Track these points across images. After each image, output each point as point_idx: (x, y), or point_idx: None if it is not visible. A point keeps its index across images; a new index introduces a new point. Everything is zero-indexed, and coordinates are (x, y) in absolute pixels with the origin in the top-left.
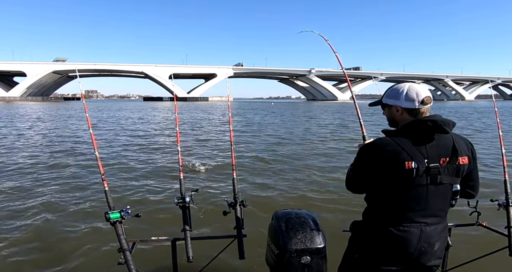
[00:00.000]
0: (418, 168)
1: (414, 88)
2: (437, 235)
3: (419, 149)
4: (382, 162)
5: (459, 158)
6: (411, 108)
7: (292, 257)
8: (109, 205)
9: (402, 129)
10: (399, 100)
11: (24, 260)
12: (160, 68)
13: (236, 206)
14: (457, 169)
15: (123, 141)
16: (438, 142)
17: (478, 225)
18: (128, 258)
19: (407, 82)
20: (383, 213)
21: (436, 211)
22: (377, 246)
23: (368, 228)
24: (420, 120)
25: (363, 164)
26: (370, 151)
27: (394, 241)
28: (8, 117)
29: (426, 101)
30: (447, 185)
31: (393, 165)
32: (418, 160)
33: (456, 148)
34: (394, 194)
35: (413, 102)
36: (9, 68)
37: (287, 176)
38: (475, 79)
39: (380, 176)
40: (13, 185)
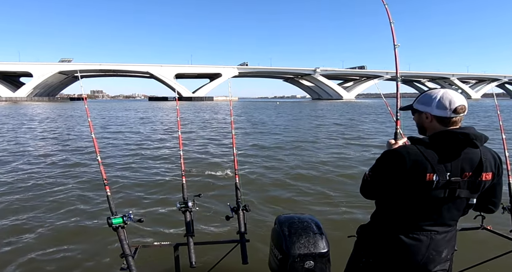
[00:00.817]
0: (439, 181)
1: (449, 95)
2: (445, 243)
3: (443, 162)
4: (403, 171)
5: (483, 174)
6: (442, 117)
7: (296, 262)
8: (112, 210)
9: (431, 138)
10: (430, 106)
11: (25, 265)
12: (165, 68)
13: (239, 211)
14: (478, 184)
15: (125, 145)
16: (465, 155)
17: (483, 229)
18: (130, 263)
19: (413, 80)
20: (394, 220)
21: (447, 221)
22: (385, 252)
23: (376, 233)
24: (451, 131)
25: (383, 171)
26: (393, 159)
27: (403, 248)
28: (15, 117)
29: (459, 110)
30: (464, 199)
31: (414, 176)
32: (440, 173)
33: (482, 164)
34: (409, 203)
35: (445, 110)
36: (15, 68)
37: (290, 181)
38: (481, 78)
39: (398, 185)
40: (15, 189)
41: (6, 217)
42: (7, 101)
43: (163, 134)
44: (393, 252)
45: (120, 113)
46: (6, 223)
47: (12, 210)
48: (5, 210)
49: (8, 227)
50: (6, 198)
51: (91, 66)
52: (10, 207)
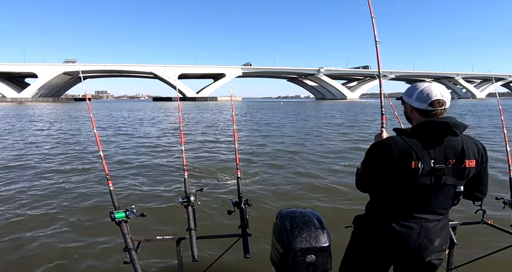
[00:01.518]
0: (424, 168)
1: (429, 89)
2: (437, 231)
3: (427, 149)
4: (390, 160)
5: (466, 161)
6: (420, 109)
7: (297, 256)
8: (114, 204)
9: (414, 128)
10: (411, 98)
11: (29, 258)
12: (169, 68)
13: (240, 205)
14: (462, 171)
15: (128, 141)
16: (447, 143)
17: (484, 223)
18: (133, 257)
19: (417, 80)
20: (385, 209)
21: (437, 209)
22: (379, 240)
23: (370, 223)
24: (432, 121)
25: (373, 163)
26: (380, 149)
27: (395, 235)
28: (20, 117)
29: (435, 104)
30: (450, 186)
31: (400, 164)
32: (424, 160)
33: (465, 151)
34: (398, 191)
35: (423, 103)
36: (20, 69)
37: (292, 175)
38: (486, 77)
39: (387, 174)
40: (19, 184)
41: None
42: (12, 102)
43: (166, 130)
44: (386, 240)
45: (126, 113)
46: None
47: (15, 203)
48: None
49: (8, 223)
50: (8, 191)
51: (96, 67)
52: (11, 201)
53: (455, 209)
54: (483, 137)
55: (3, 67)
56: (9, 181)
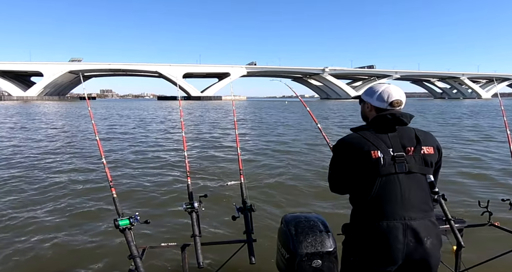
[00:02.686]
0: (384, 157)
1: (388, 90)
2: (425, 230)
3: (383, 140)
4: (351, 155)
5: (423, 148)
6: (380, 107)
7: (303, 261)
8: (118, 212)
9: (368, 124)
10: (372, 98)
11: (32, 267)
12: (174, 68)
13: (245, 211)
14: (424, 158)
15: (131, 145)
16: (401, 133)
17: (490, 225)
18: (138, 264)
19: (422, 80)
20: (364, 211)
21: (418, 204)
22: (365, 247)
23: (355, 230)
24: (382, 114)
25: (337, 161)
26: (340, 147)
27: (380, 238)
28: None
29: (395, 104)
30: (418, 175)
31: (361, 156)
32: (382, 149)
33: (419, 138)
34: (369, 185)
35: (383, 102)
36: (26, 68)
37: (296, 180)
38: (491, 77)
39: (353, 170)
40: (21, 189)
41: (9, 215)
42: (18, 100)
43: (169, 133)
44: (372, 245)
45: (129, 112)
46: (9, 222)
47: (15, 208)
48: (8, 207)
49: (11, 226)
50: (10, 195)
51: (101, 66)
52: (13, 205)
53: (460, 210)
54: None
55: (9, 66)
56: (8, 184)
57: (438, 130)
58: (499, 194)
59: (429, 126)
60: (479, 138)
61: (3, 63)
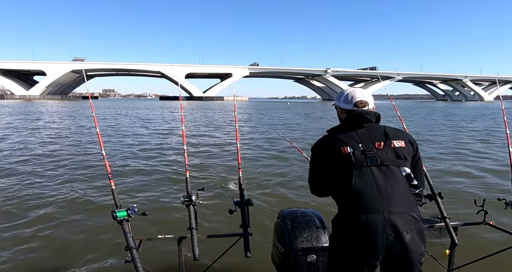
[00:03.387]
0: (354, 152)
1: (352, 92)
2: (405, 224)
3: (352, 137)
4: (324, 154)
5: (392, 141)
6: (347, 109)
7: (298, 256)
8: (116, 203)
9: (339, 125)
10: (339, 101)
11: (30, 257)
12: (177, 68)
13: (242, 205)
14: (395, 152)
15: (130, 140)
16: (370, 130)
17: (485, 224)
18: (135, 256)
19: (424, 82)
20: (345, 205)
21: (397, 198)
22: (346, 240)
23: (337, 223)
24: (349, 115)
25: (314, 161)
26: (315, 148)
27: (359, 232)
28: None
29: (358, 104)
30: (392, 168)
31: (332, 154)
32: (352, 144)
33: (388, 133)
34: (346, 182)
35: (348, 104)
36: (29, 67)
37: (293, 175)
38: (494, 80)
39: (330, 168)
40: (21, 181)
41: (9, 208)
42: (20, 99)
43: (169, 130)
44: (351, 238)
45: (132, 112)
46: (7, 216)
47: (16, 201)
48: (7, 201)
49: (8, 219)
50: (11, 189)
51: (103, 65)
52: (13, 198)
53: (456, 210)
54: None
55: (12, 65)
56: (8, 176)
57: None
58: (495, 193)
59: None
60: (478, 138)
61: (6, 62)
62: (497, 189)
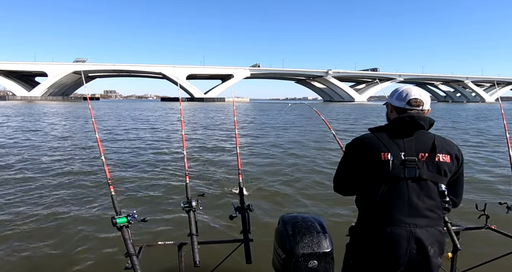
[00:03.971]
0: (394, 160)
1: (407, 90)
2: (429, 238)
3: (396, 142)
4: (361, 154)
5: (438, 155)
6: (399, 107)
7: (299, 262)
8: (116, 209)
9: (386, 125)
10: (392, 98)
11: (30, 264)
12: (178, 69)
13: (242, 210)
14: (438, 166)
15: (129, 145)
16: (417, 138)
17: (487, 228)
18: (135, 262)
19: (426, 83)
20: (370, 215)
21: (424, 211)
22: (367, 250)
23: (358, 233)
24: (400, 116)
25: (347, 160)
26: (352, 145)
27: (383, 243)
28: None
29: (412, 102)
30: (429, 183)
31: (370, 157)
32: (394, 151)
33: (435, 145)
34: (375, 188)
35: (401, 101)
36: (31, 68)
37: (294, 180)
38: (496, 81)
39: (361, 171)
40: (18, 186)
41: (8, 212)
42: (22, 100)
43: (170, 132)
44: (374, 249)
45: (133, 113)
46: (8, 219)
47: (15, 206)
48: (8, 205)
49: (9, 224)
50: (10, 192)
51: (105, 67)
52: (13, 203)
53: (457, 213)
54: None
55: (14, 66)
56: (6, 184)
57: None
58: (497, 197)
59: None
60: (479, 141)
61: (7, 63)
62: (498, 193)
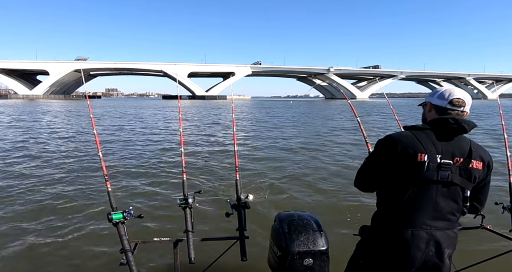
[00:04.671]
0: (429, 162)
1: (450, 89)
2: (446, 240)
3: (435, 144)
4: (394, 153)
5: (473, 161)
6: (439, 106)
7: (295, 259)
8: (112, 205)
9: (425, 124)
10: (433, 97)
11: (26, 259)
12: (179, 67)
13: (238, 208)
14: (469, 173)
15: (127, 141)
16: (456, 141)
17: (482, 228)
18: (130, 258)
19: (428, 80)
20: (391, 216)
21: (446, 214)
22: (384, 251)
23: (375, 232)
24: (442, 117)
25: (376, 157)
26: (385, 142)
27: (400, 245)
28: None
29: (455, 102)
30: (458, 188)
31: (405, 157)
32: (431, 154)
33: (472, 151)
34: (403, 189)
35: (443, 100)
36: (32, 67)
37: (291, 178)
38: (498, 78)
39: (391, 169)
40: (14, 183)
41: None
42: (24, 99)
43: (168, 130)
44: (392, 250)
45: (137, 111)
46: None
47: (11, 201)
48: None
49: (6, 216)
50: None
51: (106, 65)
52: (9, 199)
53: None
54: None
55: (15, 64)
56: (7, 178)
57: None
58: (493, 197)
59: None
60: (477, 138)
61: (9, 61)
62: (494, 193)
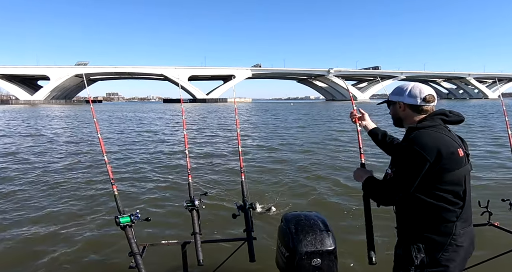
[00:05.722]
0: (463, 155)
1: (418, 86)
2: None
3: (454, 137)
4: (440, 156)
5: (466, 149)
6: (413, 104)
7: (303, 260)
8: (119, 209)
9: (428, 122)
10: (402, 96)
11: (35, 263)
12: (180, 70)
13: (245, 209)
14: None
15: (132, 145)
16: (452, 133)
17: (490, 225)
18: (138, 261)
19: (428, 81)
20: (444, 217)
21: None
22: (443, 258)
23: (428, 237)
24: (442, 112)
25: (420, 164)
26: (427, 146)
27: (460, 248)
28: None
29: (428, 98)
30: None
31: (451, 156)
32: (461, 147)
33: (463, 140)
34: (455, 188)
35: (415, 98)
36: (33, 72)
37: (297, 179)
38: (498, 77)
39: (437, 171)
40: (24, 188)
41: (13, 213)
42: (25, 104)
43: (172, 132)
44: (453, 256)
45: (134, 115)
46: (13, 220)
47: (21, 204)
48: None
49: (14, 224)
50: (14, 194)
51: (107, 69)
52: (18, 202)
53: None
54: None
55: (16, 70)
56: (10, 183)
57: None
58: (500, 194)
59: None
60: (481, 137)
61: (10, 67)
62: (501, 189)
